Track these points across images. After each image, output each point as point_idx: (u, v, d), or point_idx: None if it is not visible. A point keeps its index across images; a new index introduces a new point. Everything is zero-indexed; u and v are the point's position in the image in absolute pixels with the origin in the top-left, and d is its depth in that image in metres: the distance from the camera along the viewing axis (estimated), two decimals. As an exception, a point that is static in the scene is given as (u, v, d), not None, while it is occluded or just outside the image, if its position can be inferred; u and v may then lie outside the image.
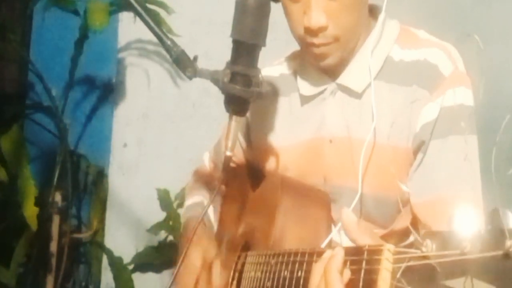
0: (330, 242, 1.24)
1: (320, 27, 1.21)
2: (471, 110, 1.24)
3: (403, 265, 0.78)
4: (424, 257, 0.75)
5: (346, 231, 0.95)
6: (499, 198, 0.72)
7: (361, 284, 0.86)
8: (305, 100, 1.37)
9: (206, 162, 1.64)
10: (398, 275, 0.78)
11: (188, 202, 1.60)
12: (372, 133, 1.25)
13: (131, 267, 2.59)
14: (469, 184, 1.22)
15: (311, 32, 1.22)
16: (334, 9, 1.21)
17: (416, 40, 1.29)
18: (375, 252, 0.85)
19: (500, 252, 0.68)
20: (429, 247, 0.75)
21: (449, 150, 1.22)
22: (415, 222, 1.25)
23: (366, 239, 0.93)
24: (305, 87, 1.37)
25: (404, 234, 1.25)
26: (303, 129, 1.37)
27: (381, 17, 1.30)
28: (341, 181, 1.30)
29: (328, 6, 1.21)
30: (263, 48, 1.17)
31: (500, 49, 2.46)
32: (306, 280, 1.00)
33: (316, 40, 1.23)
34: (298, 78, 1.39)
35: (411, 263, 0.77)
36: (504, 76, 2.44)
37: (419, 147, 1.24)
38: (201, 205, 1.56)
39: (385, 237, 1.25)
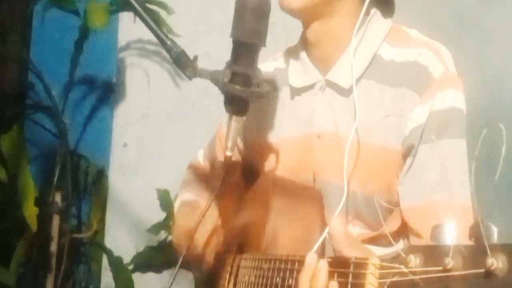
0: (324, 244, 1.23)
1: None
2: (461, 113, 1.23)
3: (388, 281, 0.78)
4: (408, 273, 0.75)
5: (333, 241, 0.95)
6: (479, 212, 0.71)
7: None
8: (295, 92, 1.36)
9: (200, 159, 1.63)
10: None
11: (180, 198, 1.59)
12: (355, 131, 1.23)
13: (131, 267, 2.58)
14: (459, 189, 1.20)
15: None
16: None
17: (406, 39, 1.28)
18: (361, 265, 0.86)
19: (481, 270, 0.67)
20: (413, 263, 0.75)
21: (438, 154, 1.20)
22: (404, 225, 1.24)
23: (352, 251, 0.93)
24: (295, 78, 1.36)
25: (393, 236, 1.24)
26: (292, 125, 1.36)
27: (363, 11, 1.28)
28: (329, 177, 1.29)
29: None
30: (263, 48, 1.17)
31: (499, 49, 2.46)
32: None
33: None
34: (289, 69, 1.38)
35: (395, 278, 0.77)
36: (504, 75, 2.44)
37: (409, 151, 1.23)
38: (192, 203, 1.55)
39: (374, 239, 1.25)
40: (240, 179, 1.50)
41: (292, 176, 1.33)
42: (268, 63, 1.44)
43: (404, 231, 1.24)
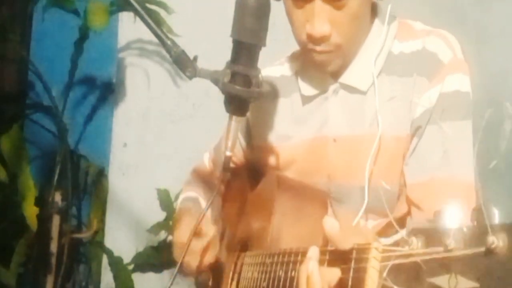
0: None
1: (323, 36, 1.21)
2: (467, 96, 1.25)
3: (389, 264, 0.78)
4: (410, 255, 0.76)
5: (330, 240, 0.94)
6: (482, 196, 0.72)
7: (350, 283, 0.87)
8: (306, 100, 1.37)
9: (206, 161, 1.64)
10: (385, 274, 0.78)
11: (183, 195, 1.59)
12: (377, 131, 1.25)
13: (131, 267, 2.59)
14: (462, 167, 1.22)
15: (313, 39, 1.22)
16: (338, 18, 1.21)
17: (413, 32, 1.30)
18: (363, 251, 0.86)
19: (482, 249, 0.69)
20: (415, 245, 0.76)
21: (443, 134, 1.23)
22: (410, 204, 1.25)
23: (352, 241, 0.92)
24: (306, 88, 1.37)
25: (403, 222, 1.25)
26: (305, 128, 1.37)
27: (385, 24, 1.30)
28: (345, 179, 1.30)
29: (332, 15, 1.20)
30: (263, 48, 1.17)
31: (499, 49, 2.46)
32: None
33: (318, 48, 1.23)
34: (299, 78, 1.39)
35: (398, 261, 0.78)
36: (504, 75, 2.44)
37: (416, 132, 1.25)
38: (194, 200, 1.55)
39: (385, 230, 1.25)
40: (245, 178, 1.50)
41: (305, 178, 1.33)
42: (273, 67, 1.45)
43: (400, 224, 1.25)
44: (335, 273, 0.91)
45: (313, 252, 0.97)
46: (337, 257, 0.92)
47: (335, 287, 0.91)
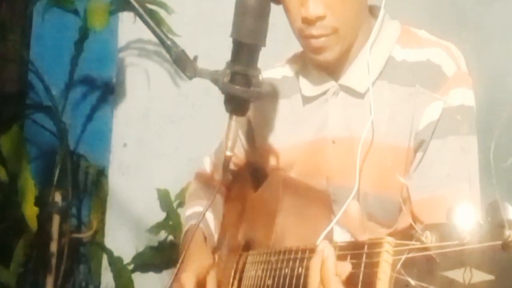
0: (331, 240, 1.24)
1: (317, 17, 1.21)
2: (472, 110, 1.25)
3: (403, 257, 0.78)
4: (424, 249, 0.76)
5: (350, 222, 0.93)
6: (498, 192, 0.72)
7: (361, 277, 0.86)
8: (307, 100, 1.37)
9: (207, 166, 1.63)
10: (398, 266, 0.78)
11: (188, 211, 1.58)
12: (370, 132, 1.25)
13: (131, 267, 2.59)
14: (467, 184, 1.22)
15: (308, 22, 1.22)
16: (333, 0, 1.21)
17: (417, 40, 1.30)
18: (375, 245, 0.85)
19: (499, 242, 0.68)
20: (429, 239, 0.75)
21: (448, 150, 1.22)
22: (415, 220, 1.24)
23: (366, 236, 0.92)
24: (307, 88, 1.36)
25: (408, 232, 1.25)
26: (305, 130, 1.36)
27: (380, 14, 1.30)
28: (343, 181, 1.30)
29: None
30: (263, 48, 1.17)
31: (499, 49, 2.46)
32: (306, 276, 1.00)
33: (314, 31, 1.23)
34: (300, 79, 1.38)
35: (411, 254, 0.77)
36: (504, 75, 2.44)
37: (420, 146, 1.24)
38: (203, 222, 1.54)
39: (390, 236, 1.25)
40: (247, 179, 1.50)
41: (305, 180, 1.33)
42: (275, 69, 1.45)
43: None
44: (345, 267, 0.89)
45: (327, 243, 0.96)
46: (347, 251, 0.91)
47: (346, 281, 0.89)
